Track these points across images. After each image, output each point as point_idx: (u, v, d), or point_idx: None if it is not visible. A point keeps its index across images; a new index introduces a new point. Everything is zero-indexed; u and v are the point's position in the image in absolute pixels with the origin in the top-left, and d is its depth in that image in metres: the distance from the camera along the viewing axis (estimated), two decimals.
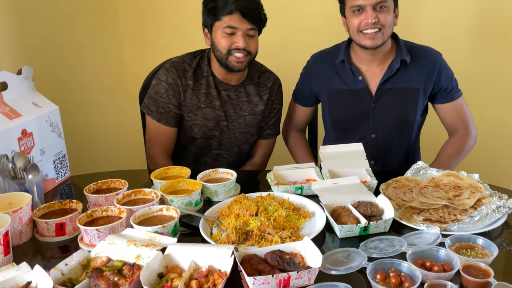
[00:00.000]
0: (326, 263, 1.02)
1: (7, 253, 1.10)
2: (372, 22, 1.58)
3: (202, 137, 1.77)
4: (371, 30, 1.59)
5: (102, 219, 1.24)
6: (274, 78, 1.85)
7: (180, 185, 1.43)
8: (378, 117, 1.73)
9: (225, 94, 1.76)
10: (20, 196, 1.26)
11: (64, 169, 1.62)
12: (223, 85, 1.75)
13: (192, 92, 1.72)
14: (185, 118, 1.74)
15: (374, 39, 1.61)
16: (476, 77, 2.53)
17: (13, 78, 1.47)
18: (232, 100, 1.77)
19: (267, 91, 1.81)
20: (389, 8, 1.60)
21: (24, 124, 1.42)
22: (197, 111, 1.73)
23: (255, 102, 1.79)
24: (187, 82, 1.72)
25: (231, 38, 1.61)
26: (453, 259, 1.01)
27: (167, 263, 1.04)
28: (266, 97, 1.81)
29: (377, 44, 1.62)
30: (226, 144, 1.81)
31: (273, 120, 1.88)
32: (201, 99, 1.73)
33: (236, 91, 1.77)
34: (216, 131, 1.77)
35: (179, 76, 1.71)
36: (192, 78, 1.72)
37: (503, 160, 2.69)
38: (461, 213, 1.24)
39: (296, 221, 1.23)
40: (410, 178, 1.47)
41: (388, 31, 1.62)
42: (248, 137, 1.82)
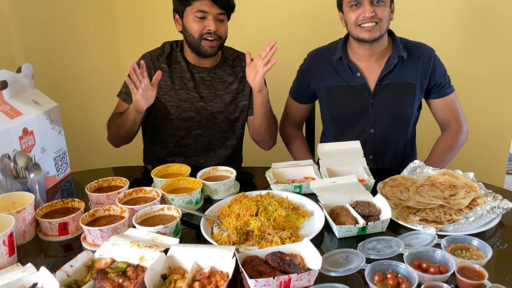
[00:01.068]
0: (325, 264, 1.05)
1: (12, 254, 1.12)
2: (370, 16, 1.61)
3: (178, 118, 1.81)
4: (368, 24, 1.63)
5: (104, 218, 1.26)
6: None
7: (180, 183, 1.45)
8: (377, 112, 1.76)
9: (198, 76, 1.81)
10: (22, 196, 1.28)
11: (65, 165, 1.63)
12: (196, 67, 1.81)
13: (166, 74, 1.78)
14: (160, 100, 1.78)
15: (371, 32, 1.64)
16: (471, 73, 2.55)
17: (13, 76, 1.47)
18: (206, 82, 1.82)
19: (241, 70, 1.85)
20: (385, 2, 1.64)
21: (25, 123, 1.42)
22: (171, 92, 1.79)
23: (229, 81, 1.84)
24: (161, 65, 1.78)
25: (203, 23, 1.69)
26: (448, 261, 1.04)
27: (170, 264, 1.07)
28: (241, 75, 1.85)
29: (375, 37, 1.65)
30: (204, 124, 1.84)
31: None
32: (175, 81, 1.79)
33: (210, 73, 1.83)
34: (192, 112, 1.81)
35: (152, 60, 1.79)
36: (165, 62, 1.79)
37: (496, 154, 2.73)
38: (456, 213, 1.27)
39: (295, 220, 1.26)
40: (407, 176, 1.49)
41: (385, 25, 1.66)
42: (227, 115, 1.85)
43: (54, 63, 2.19)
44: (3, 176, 1.33)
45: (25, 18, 1.99)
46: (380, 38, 1.68)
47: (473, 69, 2.56)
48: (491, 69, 2.54)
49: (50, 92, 1.62)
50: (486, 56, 2.52)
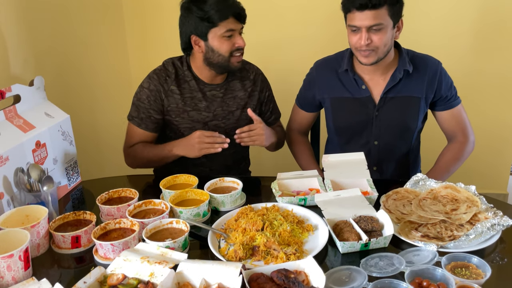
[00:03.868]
0: (328, 282, 1.09)
1: (27, 268, 1.16)
2: (365, 44, 1.61)
3: None
4: (365, 51, 1.63)
5: (115, 231, 1.30)
6: (255, 69, 1.92)
7: (188, 195, 1.48)
8: (381, 125, 1.78)
9: (210, 94, 1.81)
10: (36, 209, 1.32)
11: (76, 175, 1.68)
12: (207, 85, 1.80)
13: (176, 96, 1.77)
14: (173, 122, 1.79)
15: (367, 58, 1.66)
16: (478, 75, 2.57)
17: (25, 90, 1.51)
18: (218, 99, 1.82)
19: (250, 84, 1.87)
20: (384, 28, 1.61)
21: (37, 136, 1.46)
22: (184, 114, 1.78)
23: (240, 96, 1.85)
24: (170, 87, 1.77)
25: (231, 40, 1.69)
26: (448, 280, 1.07)
27: (179, 280, 1.11)
28: (250, 89, 1.87)
29: (371, 62, 1.66)
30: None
31: (271, 106, 1.94)
32: (186, 102, 1.78)
33: (221, 89, 1.83)
34: None
35: (161, 83, 1.76)
36: (174, 83, 1.77)
37: (500, 155, 2.75)
38: (457, 229, 1.30)
39: (300, 235, 1.29)
40: (410, 189, 1.52)
41: (383, 50, 1.65)
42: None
43: (64, 73, 2.22)
44: (17, 190, 1.37)
45: (33, 27, 2.02)
46: (379, 61, 1.68)
47: (479, 72, 2.58)
48: (496, 72, 2.56)
49: (60, 101, 1.66)
50: (495, 59, 2.54)
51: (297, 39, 2.61)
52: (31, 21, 1.99)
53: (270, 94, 1.94)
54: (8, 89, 1.43)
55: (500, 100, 2.63)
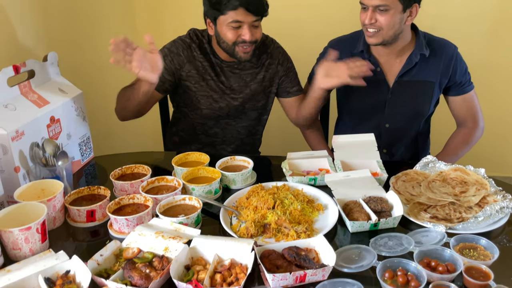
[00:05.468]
0: (338, 260, 1.11)
1: (44, 240, 1.19)
2: (369, 23, 1.61)
3: (208, 108, 1.83)
4: (370, 29, 1.64)
5: (129, 206, 1.33)
6: (274, 43, 1.89)
7: (199, 172, 1.50)
8: (394, 108, 1.78)
9: (228, 70, 1.82)
10: (52, 183, 1.35)
11: (89, 150, 1.70)
12: (225, 62, 1.81)
13: (198, 63, 1.77)
14: (191, 89, 1.80)
15: (373, 38, 1.65)
16: (492, 60, 2.55)
17: (39, 65, 1.52)
18: (236, 74, 1.82)
19: (268, 57, 1.86)
20: (390, 10, 1.59)
21: (52, 111, 1.48)
22: (203, 82, 1.79)
23: (257, 71, 1.85)
24: (193, 53, 1.77)
25: (237, 31, 1.65)
26: (457, 260, 1.09)
27: (192, 255, 1.14)
28: (267, 62, 1.86)
29: (376, 43, 1.66)
30: (233, 114, 1.87)
31: (292, 77, 1.91)
32: (207, 71, 1.79)
33: (240, 65, 1.82)
34: (222, 103, 1.83)
35: (183, 48, 1.76)
36: (197, 50, 1.77)
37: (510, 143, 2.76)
38: (466, 211, 1.32)
39: (310, 214, 1.32)
40: (419, 171, 1.54)
41: (389, 32, 1.63)
42: (255, 103, 1.88)
43: (76, 50, 2.23)
44: (32, 164, 1.39)
45: (48, 6, 2.02)
46: (385, 44, 1.67)
47: (493, 57, 2.57)
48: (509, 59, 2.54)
49: (71, 77, 1.67)
50: (509, 45, 2.52)
51: (310, 19, 2.58)
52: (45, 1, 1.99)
53: (291, 67, 1.91)
54: (22, 65, 1.44)
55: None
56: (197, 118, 1.87)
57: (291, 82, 1.90)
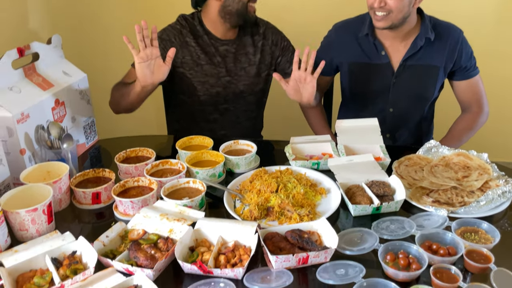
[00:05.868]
0: (341, 242, 1.12)
1: (50, 221, 1.21)
2: (379, 6, 1.59)
3: (205, 94, 1.84)
4: (378, 12, 1.61)
5: (134, 189, 1.34)
6: (265, 23, 1.90)
7: (203, 156, 1.51)
8: (398, 92, 1.78)
9: (223, 50, 1.82)
10: (57, 165, 1.36)
11: (93, 133, 1.71)
12: (219, 41, 1.81)
13: (191, 49, 1.78)
14: (186, 75, 1.80)
15: (381, 21, 1.63)
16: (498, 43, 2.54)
17: (43, 48, 1.52)
18: (231, 54, 1.83)
19: (260, 38, 1.86)
20: None
21: (56, 94, 1.48)
22: (197, 67, 1.79)
23: (251, 52, 1.85)
24: (185, 39, 1.77)
25: None
26: (458, 244, 1.11)
27: (196, 237, 1.15)
28: (261, 44, 1.86)
29: (385, 27, 1.64)
30: (231, 98, 1.88)
31: (290, 55, 1.90)
32: (200, 56, 1.79)
33: (234, 44, 1.83)
34: (219, 88, 1.83)
35: (175, 34, 1.77)
36: (189, 35, 1.78)
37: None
38: (468, 195, 1.33)
39: (313, 198, 1.33)
40: (422, 156, 1.54)
41: (398, 16, 1.62)
42: (252, 87, 1.89)
43: (79, 34, 2.22)
44: (38, 146, 1.40)
45: None
46: (393, 27, 1.65)
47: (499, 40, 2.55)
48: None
49: (74, 60, 1.67)
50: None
51: (315, 2, 2.56)
52: None
53: (287, 45, 1.90)
54: (27, 47, 1.44)
55: None
56: (195, 104, 1.88)
57: (288, 61, 1.89)
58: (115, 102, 1.73)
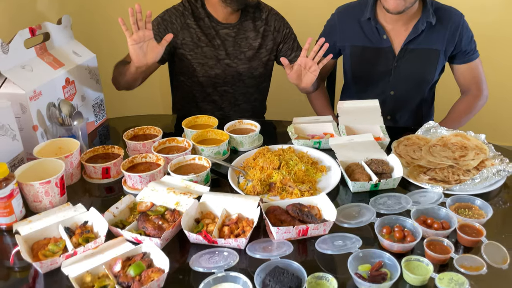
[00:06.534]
0: (339, 216, 1.18)
1: (62, 194, 1.27)
2: None
3: (204, 75, 1.87)
4: None
5: (142, 165, 1.40)
6: (268, 9, 1.92)
7: (209, 134, 1.56)
8: (399, 76, 1.82)
9: (223, 33, 1.85)
10: (68, 141, 1.42)
11: (102, 112, 1.76)
12: (221, 24, 1.84)
13: (192, 31, 1.81)
14: (186, 57, 1.84)
15: (396, 4, 1.64)
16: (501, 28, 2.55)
17: (54, 28, 1.56)
18: (231, 38, 1.86)
19: (262, 23, 1.89)
20: None
21: (67, 73, 1.53)
22: (197, 49, 1.83)
23: (252, 37, 1.88)
24: (186, 21, 1.80)
25: None
26: (451, 218, 1.16)
27: (202, 209, 1.21)
28: (263, 29, 1.89)
29: (398, 10, 1.65)
30: (230, 80, 1.91)
31: (292, 43, 1.94)
32: (200, 38, 1.82)
33: (234, 29, 1.85)
34: (218, 70, 1.87)
35: (177, 16, 1.80)
36: (191, 18, 1.81)
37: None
38: (464, 174, 1.37)
39: (313, 175, 1.38)
40: (421, 136, 1.58)
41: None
42: (252, 71, 1.92)
43: (86, 16, 2.26)
44: (50, 123, 1.46)
45: None
46: (405, 10, 1.67)
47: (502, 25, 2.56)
48: None
49: (83, 42, 1.71)
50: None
51: None
52: None
53: (289, 32, 1.93)
54: (38, 27, 1.49)
55: None
56: (194, 86, 1.92)
57: (289, 49, 1.92)
58: (115, 79, 1.78)
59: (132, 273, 0.99)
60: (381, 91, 1.87)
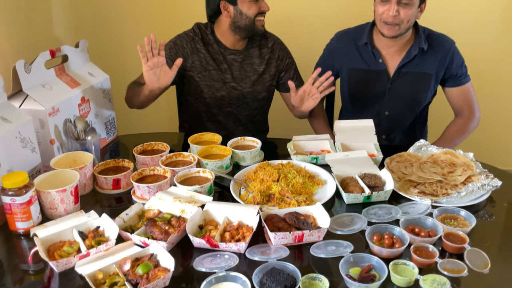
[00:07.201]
0: (333, 224, 1.26)
1: (76, 202, 1.37)
2: (393, 15, 1.72)
3: (210, 97, 1.99)
4: (389, 23, 1.75)
5: (150, 177, 1.50)
6: (274, 38, 2.06)
7: (213, 150, 1.67)
8: (393, 97, 1.93)
9: (230, 58, 1.98)
10: (82, 154, 1.52)
11: (113, 129, 1.87)
12: (228, 50, 1.97)
13: (201, 55, 1.94)
14: (195, 78, 1.96)
15: (391, 30, 1.77)
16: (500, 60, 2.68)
17: (72, 51, 1.70)
18: (238, 63, 1.98)
19: (268, 51, 2.02)
20: (412, 5, 1.72)
21: (82, 92, 1.66)
22: (205, 72, 1.95)
23: (257, 63, 2.01)
24: (196, 46, 1.94)
25: (257, 4, 1.85)
26: (437, 227, 1.24)
27: (205, 217, 1.30)
28: (268, 57, 2.02)
29: (393, 35, 1.78)
30: (235, 102, 2.03)
31: (292, 73, 2.07)
32: (209, 62, 1.95)
33: (241, 55, 1.98)
34: (223, 92, 1.98)
35: (187, 41, 1.94)
36: (201, 43, 1.94)
37: None
38: (451, 188, 1.46)
39: (310, 187, 1.47)
40: (412, 154, 1.68)
41: (407, 25, 1.76)
42: (255, 94, 2.04)
43: (99, 40, 2.41)
44: (65, 138, 1.57)
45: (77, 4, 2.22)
46: (399, 36, 1.79)
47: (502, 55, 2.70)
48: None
49: (97, 64, 1.84)
50: None
51: (317, 14, 2.73)
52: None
53: (291, 62, 2.07)
54: (58, 50, 1.62)
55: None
56: (201, 106, 2.03)
57: (290, 78, 2.05)
58: (129, 99, 1.92)
59: (140, 271, 1.08)
60: (376, 111, 1.98)
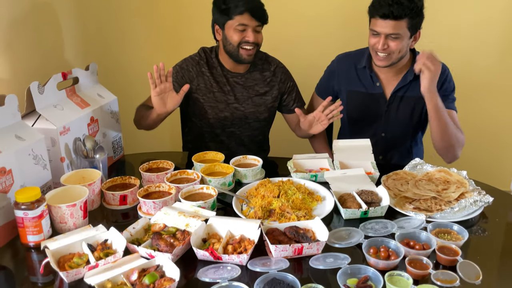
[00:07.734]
0: (331, 238, 1.32)
1: (85, 217, 1.43)
2: (382, 48, 1.81)
3: (214, 117, 2.06)
4: (380, 54, 1.84)
5: (155, 193, 1.56)
6: (277, 63, 2.13)
7: (216, 168, 1.73)
8: (390, 119, 2.00)
9: (232, 81, 2.05)
10: (90, 172, 1.59)
11: (120, 148, 1.95)
12: (231, 73, 2.05)
13: (205, 78, 2.02)
14: (199, 100, 2.04)
15: (382, 61, 1.86)
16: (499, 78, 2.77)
17: (82, 73, 1.78)
18: (240, 85, 2.06)
19: (270, 75, 2.09)
20: (401, 37, 1.79)
21: (92, 113, 1.74)
22: (210, 94, 2.03)
23: (260, 85, 2.08)
24: (201, 69, 2.02)
25: (242, 34, 1.90)
26: (431, 240, 1.29)
27: (209, 231, 1.36)
28: (269, 79, 2.09)
29: (384, 65, 1.87)
30: (237, 123, 2.10)
31: (294, 95, 2.15)
32: (213, 84, 2.03)
33: (243, 78, 2.06)
34: (227, 112, 2.05)
35: (193, 65, 2.02)
36: (206, 66, 2.02)
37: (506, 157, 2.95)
38: (445, 204, 1.52)
39: (310, 203, 1.53)
40: (408, 172, 1.74)
41: (397, 56, 1.84)
42: (257, 115, 2.10)
43: (109, 64, 2.52)
44: (75, 156, 1.64)
45: (87, 28, 2.32)
46: (391, 65, 1.87)
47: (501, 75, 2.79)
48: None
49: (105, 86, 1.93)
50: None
51: (317, 37, 2.83)
52: (81, 13, 2.29)
53: (292, 85, 2.14)
54: (69, 72, 1.71)
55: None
56: (205, 126, 2.11)
57: (292, 100, 2.14)
58: (137, 121, 2.01)
59: (147, 281, 1.13)
60: (373, 132, 2.05)
